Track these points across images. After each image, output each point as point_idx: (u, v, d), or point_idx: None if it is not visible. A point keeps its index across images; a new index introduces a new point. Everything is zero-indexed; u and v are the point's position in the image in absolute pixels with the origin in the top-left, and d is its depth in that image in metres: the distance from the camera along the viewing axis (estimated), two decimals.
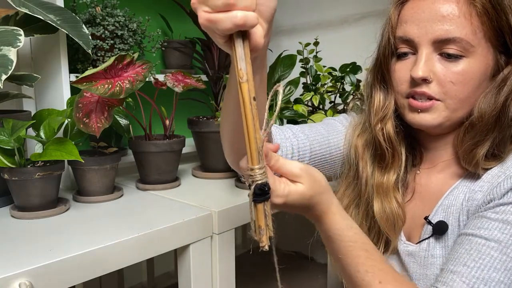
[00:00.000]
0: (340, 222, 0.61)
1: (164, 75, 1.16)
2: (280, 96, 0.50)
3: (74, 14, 1.07)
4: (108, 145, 1.16)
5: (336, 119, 0.87)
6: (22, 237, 0.85)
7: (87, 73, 0.94)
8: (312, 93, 1.29)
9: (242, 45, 0.48)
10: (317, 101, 1.28)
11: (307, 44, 1.38)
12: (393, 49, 0.72)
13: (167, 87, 1.14)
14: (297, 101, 1.26)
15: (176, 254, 0.98)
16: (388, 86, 0.75)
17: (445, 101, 0.68)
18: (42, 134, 0.99)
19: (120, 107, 1.13)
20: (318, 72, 1.34)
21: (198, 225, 0.96)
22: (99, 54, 1.19)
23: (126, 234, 0.85)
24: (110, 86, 0.95)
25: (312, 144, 0.80)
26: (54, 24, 1.00)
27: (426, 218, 0.72)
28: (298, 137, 0.79)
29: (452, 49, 0.66)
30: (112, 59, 0.97)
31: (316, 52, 1.38)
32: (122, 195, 1.13)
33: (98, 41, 1.17)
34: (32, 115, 1.08)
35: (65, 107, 1.12)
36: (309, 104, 1.32)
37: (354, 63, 1.30)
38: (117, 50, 1.21)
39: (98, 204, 1.06)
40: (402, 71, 0.71)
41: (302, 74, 1.36)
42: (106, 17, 1.18)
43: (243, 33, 0.48)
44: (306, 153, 0.79)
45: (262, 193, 0.51)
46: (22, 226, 0.91)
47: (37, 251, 0.78)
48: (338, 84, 1.32)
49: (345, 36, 1.60)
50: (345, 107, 1.32)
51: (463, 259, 0.61)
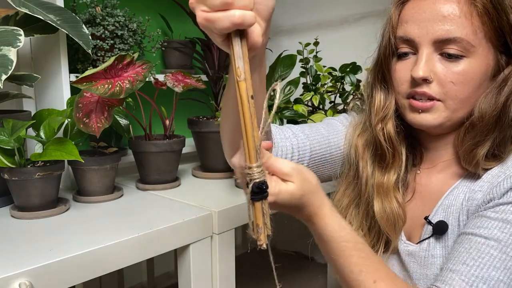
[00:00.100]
0: (332, 223, 0.60)
1: (164, 75, 1.16)
2: (278, 95, 0.50)
3: (74, 14, 1.07)
4: (108, 145, 1.16)
5: (337, 119, 0.87)
6: (22, 237, 0.85)
7: (87, 73, 0.94)
8: (312, 93, 1.29)
9: (240, 44, 0.48)
10: (317, 101, 1.28)
11: (307, 44, 1.38)
12: (394, 49, 0.72)
13: (167, 87, 1.14)
14: (297, 101, 1.26)
15: (176, 254, 0.98)
16: (389, 86, 0.75)
17: (446, 101, 0.68)
18: (42, 134, 0.99)
19: (120, 107, 1.13)
20: (318, 72, 1.34)
21: (198, 225, 0.96)
22: (99, 54, 1.19)
23: (126, 234, 0.84)
24: (110, 86, 0.95)
25: (312, 144, 0.80)
26: (54, 24, 1.00)
27: (426, 218, 0.72)
28: (298, 137, 0.79)
29: (453, 49, 0.66)
30: (112, 59, 0.96)
31: (316, 52, 1.37)
32: (122, 195, 1.13)
33: (98, 41, 1.17)
34: (32, 115, 1.08)
35: (65, 107, 1.12)
36: (309, 104, 1.31)
37: (354, 63, 1.30)
38: (117, 50, 1.20)
39: (98, 204, 1.05)
40: (403, 71, 0.71)
41: (302, 74, 1.36)
42: (106, 17, 1.18)
43: (241, 32, 0.48)
44: (306, 153, 0.79)
45: (260, 192, 0.51)
46: (22, 226, 0.91)
47: (37, 251, 0.78)
48: (338, 84, 1.32)
49: (345, 36, 1.60)
50: (345, 107, 1.32)
51: (463, 258, 0.61)
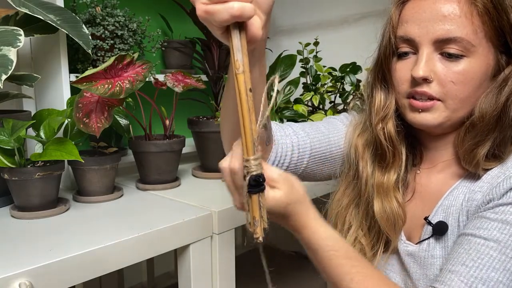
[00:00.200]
0: (320, 233, 0.60)
1: (164, 75, 1.16)
2: (276, 88, 0.50)
3: (74, 14, 1.07)
4: (108, 145, 1.16)
5: (337, 118, 0.87)
6: (22, 237, 0.85)
7: (87, 73, 0.94)
8: (312, 93, 1.29)
9: (239, 37, 0.48)
10: (317, 101, 1.28)
11: (307, 44, 1.38)
12: (394, 49, 0.72)
13: (167, 87, 1.14)
14: (297, 101, 1.26)
15: (176, 254, 0.98)
16: (389, 86, 0.75)
17: (446, 101, 0.68)
18: (42, 134, 0.99)
19: (120, 107, 1.13)
20: (318, 72, 1.34)
21: (198, 225, 0.96)
22: (99, 54, 1.19)
23: (126, 234, 0.84)
24: (110, 86, 0.95)
25: (313, 142, 0.79)
26: (54, 24, 1.00)
27: (426, 219, 0.72)
28: (299, 135, 0.79)
29: (453, 49, 0.66)
30: (112, 59, 0.96)
31: (316, 52, 1.38)
32: (122, 195, 1.13)
33: (98, 41, 1.17)
34: (32, 115, 1.08)
35: (65, 107, 1.12)
36: (309, 104, 1.32)
37: (354, 63, 1.30)
38: (117, 50, 1.20)
39: (98, 204, 1.05)
40: (403, 71, 0.71)
41: (302, 74, 1.36)
42: (106, 17, 1.18)
43: (240, 25, 0.48)
44: (306, 151, 0.79)
45: (257, 184, 0.51)
46: (22, 226, 0.91)
47: (37, 251, 0.78)
48: (338, 84, 1.32)
49: (345, 36, 1.60)
50: (345, 107, 1.32)
51: (462, 259, 0.61)
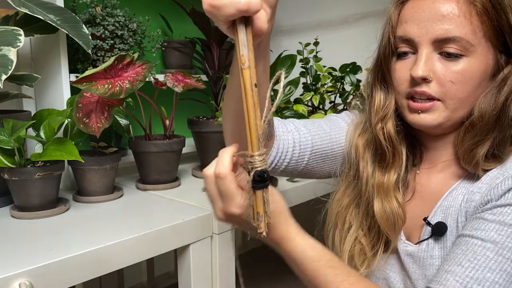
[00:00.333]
0: (301, 244, 0.60)
1: (164, 75, 1.16)
2: (282, 83, 0.50)
3: (74, 14, 1.07)
4: (108, 145, 1.16)
5: (339, 116, 0.87)
6: (22, 237, 0.85)
7: (87, 73, 0.94)
8: (312, 93, 1.29)
9: (245, 31, 0.48)
10: (317, 101, 1.28)
11: (307, 44, 1.38)
12: (393, 49, 0.72)
13: (167, 87, 1.14)
14: (297, 101, 1.26)
15: (176, 254, 0.98)
16: (389, 86, 0.75)
17: (445, 101, 0.68)
18: (42, 134, 0.99)
19: (120, 107, 1.13)
20: (318, 72, 1.34)
21: (198, 225, 0.96)
22: (99, 54, 1.19)
23: (126, 234, 0.84)
24: (110, 86, 0.95)
25: (314, 139, 0.80)
26: (54, 24, 1.00)
27: (425, 219, 0.72)
28: (300, 131, 0.79)
29: (452, 48, 0.66)
30: (112, 59, 0.96)
31: (316, 52, 1.37)
32: (122, 195, 1.13)
33: (98, 41, 1.17)
34: (32, 115, 1.08)
35: (65, 107, 1.12)
36: (309, 104, 1.31)
37: (354, 63, 1.30)
38: (117, 50, 1.20)
39: (98, 204, 1.06)
40: (402, 71, 0.71)
41: (302, 74, 1.36)
42: (106, 17, 1.18)
43: (246, 19, 0.48)
44: (308, 148, 0.79)
45: (262, 180, 0.51)
46: (22, 226, 0.91)
47: (37, 251, 0.78)
48: (338, 84, 1.32)
49: (345, 36, 1.60)
50: (345, 107, 1.32)
51: (458, 260, 0.61)
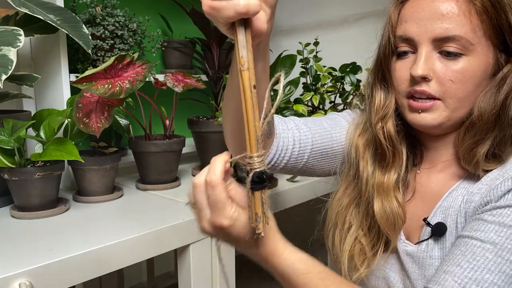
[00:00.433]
0: (290, 257, 0.59)
1: (164, 75, 1.16)
2: (282, 84, 0.50)
3: (74, 14, 1.07)
4: (108, 145, 1.16)
5: (340, 115, 0.87)
6: (22, 237, 0.85)
7: (87, 73, 0.94)
8: (312, 93, 1.29)
9: (244, 33, 0.48)
10: (317, 101, 1.28)
11: (307, 44, 1.38)
12: (393, 48, 0.72)
13: (167, 87, 1.14)
14: (297, 101, 1.26)
15: (176, 254, 0.98)
16: (389, 85, 0.75)
17: (445, 100, 0.68)
18: (42, 134, 0.99)
19: (120, 107, 1.13)
20: (318, 72, 1.34)
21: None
22: (99, 54, 1.19)
23: (126, 234, 0.84)
24: (110, 86, 0.95)
25: (314, 137, 0.79)
26: (54, 24, 1.00)
27: (425, 220, 0.72)
28: (301, 129, 0.79)
29: (452, 47, 0.66)
30: (112, 59, 0.97)
31: (316, 52, 1.37)
32: (122, 195, 1.13)
33: (98, 41, 1.17)
34: (32, 115, 1.08)
35: (65, 107, 1.12)
36: (309, 104, 1.31)
37: (354, 63, 1.30)
38: (117, 50, 1.20)
39: (98, 204, 1.06)
40: (402, 70, 0.71)
41: (302, 74, 1.36)
42: (106, 17, 1.18)
43: (245, 21, 0.48)
44: (308, 146, 0.79)
45: (260, 181, 0.51)
46: (22, 226, 0.91)
47: (37, 251, 0.78)
48: (338, 84, 1.32)
49: (345, 36, 1.60)
50: (345, 107, 1.32)
51: (457, 260, 0.61)
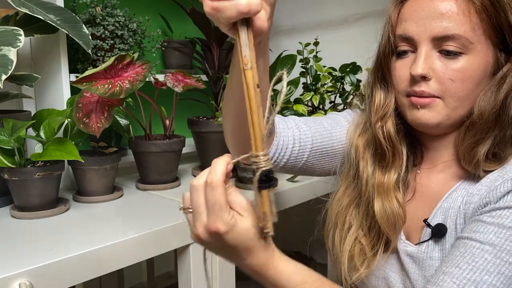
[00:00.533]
0: (286, 269, 0.58)
1: (164, 75, 1.16)
2: (285, 83, 0.50)
3: (74, 14, 1.07)
4: (108, 145, 1.16)
5: (341, 114, 0.87)
6: (22, 237, 0.85)
7: (87, 73, 0.94)
8: (312, 93, 1.29)
9: (246, 32, 0.49)
10: (317, 101, 1.28)
11: (307, 44, 1.38)
12: (393, 48, 0.72)
13: (167, 87, 1.14)
14: (297, 101, 1.26)
15: (176, 254, 0.98)
16: (389, 85, 0.75)
17: (445, 99, 0.68)
18: (42, 134, 0.99)
19: (120, 107, 1.13)
20: (318, 72, 1.34)
21: None
22: (99, 54, 1.19)
23: (126, 234, 0.84)
24: (110, 86, 0.95)
25: (314, 136, 0.80)
26: (54, 24, 1.00)
27: (425, 221, 0.72)
28: (301, 128, 0.79)
29: (451, 46, 0.66)
30: (112, 59, 0.96)
31: (316, 52, 1.37)
32: (122, 195, 1.13)
33: (98, 41, 1.17)
34: (32, 115, 1.08)
35: (65, 107, 1.12)
36: (309, 104, 1.31)
37: (354, 63, 1.30)
38: (117, 50, 1.20)
39: (98, 204, 1.05)
40: (402, 69, 0.71)
41: (302, 74, 1.36)
42: (106, 17, 1.18)
43: (247, 20, 0.49)
44: (308, 145, 0.79)
45: (267, 180, 0.51)
46: (22, 226, 0.91)
47: (37, 251, 0.78)
48: (338, 84, 1.32)
49: (345, 36, 1.60)
50: (345, 107, 1.32)
51: (456, 261, 0.61)
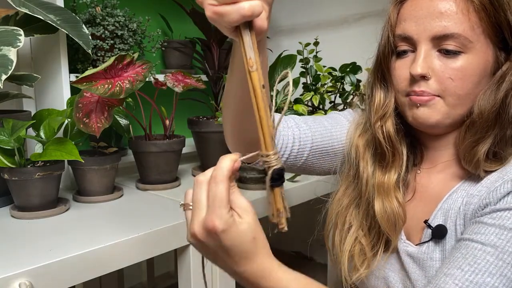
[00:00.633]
0: (284, 277, 0.57)
1: (164, 75, 1.16)
2: (291, 82, 0.51)
3: (74, 14, 1.07)
4: (108, 145, 1.16)
5: (341, 114, 0.87)
6: (22, 237, 0.85)
7: (87, 73, 0.94)
8: (312, 93, 1.29)
9: (250, 35, 0.50)
10: (317, 101, 1.28)
11: (307, 44, 1.38)
12: (393, 48, 0.72)
13: (167, 87, 1.14)
14: (297, 101, 1.26)
15: (176, 254, 0.98)
16: (388, 85, 0.75)
17: (445, 98, 0.68)
18: (42, 134, 0.99)
19: (120, 107, 1.13)
20: (318, 72, 1.34)
21: None
22: (99, 54, 1.19)
23: (126, 234, 0.84)
24: (110, 86, 0.95)
25: (314, 135, 0.79)
26: (54, 24, 1.00)
27: (426, 222, 0.72)
28: (300, 127, 0.79)
29: (451, 45, 0.66)
30: (112, 59, 0.96)
31: (316, 52, 1.37)
32: (122, 195, 1.13)
33: (98, 41, 1.17)
34: (32, 115, 1.08)
35: (65, 107, 1.12)
36: (309, 104, 1.31)
37: (354, 63, 1.30)
38: (117, 50, 1.20)
39: (98, 204, 1.06)
40: (402, 69, 0.71)
41: (302, 74, 1.36)
42: (106, 17, 1.18)
43: (249, 22, 0.49)
44: (307, 144, 0.79)
45: (279, 177, 0.52)
46: (22, 226, 0.91)
47: (37, 251, 0.78)
48: (338, 84, 1.32)
49: (345, 36, 1.60)
50: (345, 107, 1.32)
51: (458, 263, 0.61)
